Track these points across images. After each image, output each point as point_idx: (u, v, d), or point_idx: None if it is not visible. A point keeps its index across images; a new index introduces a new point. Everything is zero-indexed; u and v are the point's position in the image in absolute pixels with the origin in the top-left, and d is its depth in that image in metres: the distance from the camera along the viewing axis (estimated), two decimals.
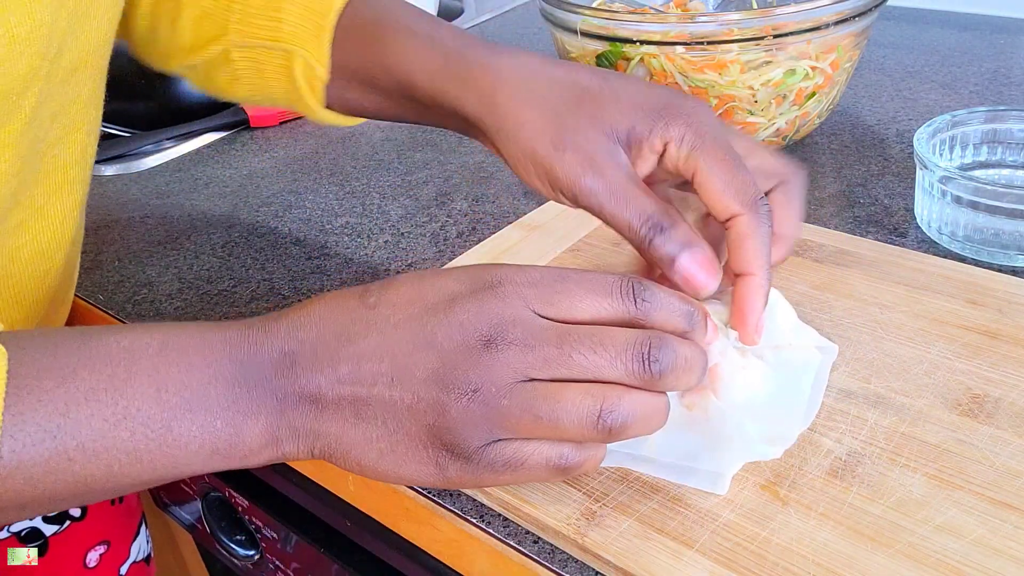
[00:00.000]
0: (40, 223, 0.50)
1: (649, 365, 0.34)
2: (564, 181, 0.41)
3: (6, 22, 0.39)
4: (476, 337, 0.34)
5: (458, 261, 0.58)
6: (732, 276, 0.41)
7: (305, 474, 0.52)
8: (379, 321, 0.35)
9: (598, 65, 0.69)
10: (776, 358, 0.43)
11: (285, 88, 0.54)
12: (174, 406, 0.34)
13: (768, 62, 0.64)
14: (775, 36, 0.63)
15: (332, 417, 0.35)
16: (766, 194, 0.42)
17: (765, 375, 0.42)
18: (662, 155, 0.42)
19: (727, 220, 0.40)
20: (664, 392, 0.36)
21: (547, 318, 0.35)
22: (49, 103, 0.45)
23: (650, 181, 0.43)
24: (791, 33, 0.63)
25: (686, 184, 0.42)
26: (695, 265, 0.40)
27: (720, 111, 0.66)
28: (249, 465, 0.36)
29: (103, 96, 0.52)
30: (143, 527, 0.72)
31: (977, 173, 0.61)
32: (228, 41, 0.54)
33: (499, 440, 0.34)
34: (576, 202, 0.42)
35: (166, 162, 0.85)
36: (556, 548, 0.39)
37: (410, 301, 0.36)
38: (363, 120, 0.56)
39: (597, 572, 0.38)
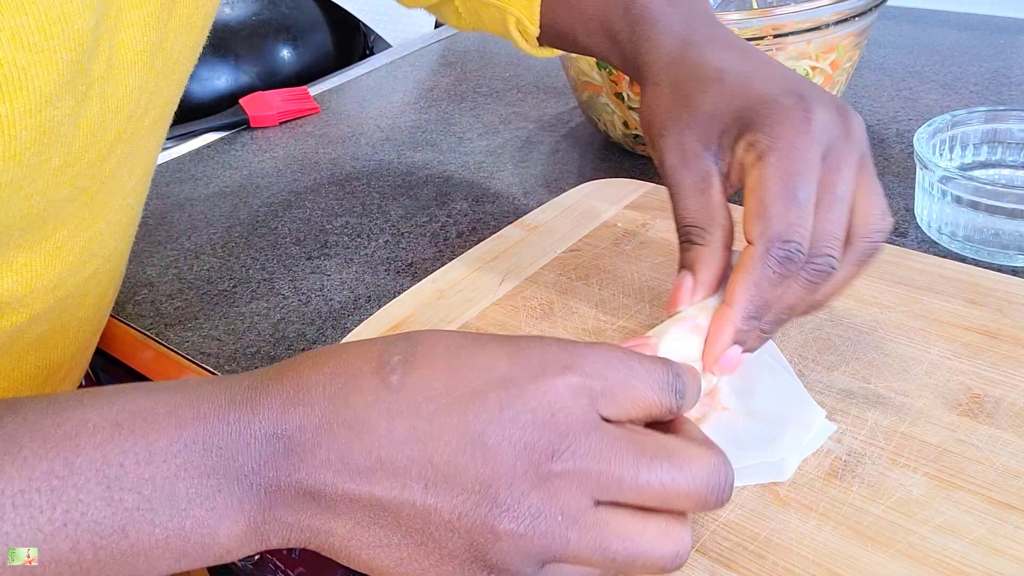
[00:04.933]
0: (107, 265, 0.49)
1: (721, 498, 0.30)
2: (658, 164, 0.43)
3: (102, 93, 0.38)
4: (541, 446, 0.28)
5: (458, 261, 0.58)
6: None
7: None
8: (407, 409, 0.29)
9: (598, 67, 0.69)
10: None
11: (501, 32, 0.57)
12: (131, 507, 0.28)
13: None
14: (775, 36, 0.63)
15: (337, 516, 0.29)
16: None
17: (745, 372, 0.42)
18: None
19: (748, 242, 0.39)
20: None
21: (607, 419, 0.30)
22: (128, 160, 0.44)
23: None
24: (791, 33, 0.63)
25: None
26: (682, 285, 0.40)
27: None
28: (225, 562, 0.30)
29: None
30: None
31: (977, 173, 0.60)
32: None
33: (553, 563, 0.29)
34: (664, 181, 0.43)
35: (166, 162, 0.85)
36: None
37: (448, 386, 0.29)
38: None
39: None
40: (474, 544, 0.28)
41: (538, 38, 0.55)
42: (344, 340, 0.52)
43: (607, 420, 0.30)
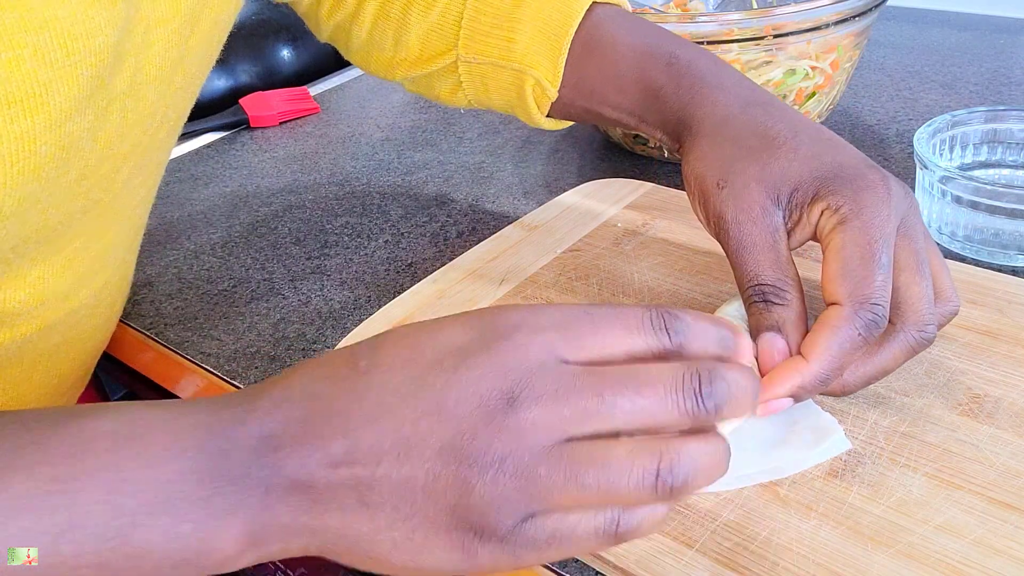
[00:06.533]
0: (116, 275, 0.49)
1: (703, 401, 0.29)
2: (714, 217, 0.42)
3: (123, 108, 0.38)
4: (495, 395, 0.29)
5: (458, 261, 0.58)
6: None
7: None
8: (374, 387, 0.30)
9: None
10: None
11: (508, 100, 0.54)
12: (131, 511, 0.29)
13: (768, 62, 0.64)
14: (775, 36, 0.63)
15: (329, 507, 0.29)
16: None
17: None
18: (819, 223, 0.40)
19: (828, 305, 0.38)
20: (721, 434, 0.31)
21: (575, 363, 0.30)
22: (140, 171, 0.44)
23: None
24: (791, 33, 0.63)
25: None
26: (769, 349, 0.39)
27: None
28: (226, 571, 0.30)
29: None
30: None
31: (977, 173, 0.60)
32: (455, 55, 0.54)
33: (537, 514, 0.29)
34: (718, 239, 0.42)
35: None
36: None
37: (408, 360, 0.30)
38: (571, 123, 0.56)
39: (597, 572, 0.38)
40: (453, 505, 0.29)
41: (553, 103, 0.53)
42: (344, 340, 0.52)
43: (573, 363, 0.30)
